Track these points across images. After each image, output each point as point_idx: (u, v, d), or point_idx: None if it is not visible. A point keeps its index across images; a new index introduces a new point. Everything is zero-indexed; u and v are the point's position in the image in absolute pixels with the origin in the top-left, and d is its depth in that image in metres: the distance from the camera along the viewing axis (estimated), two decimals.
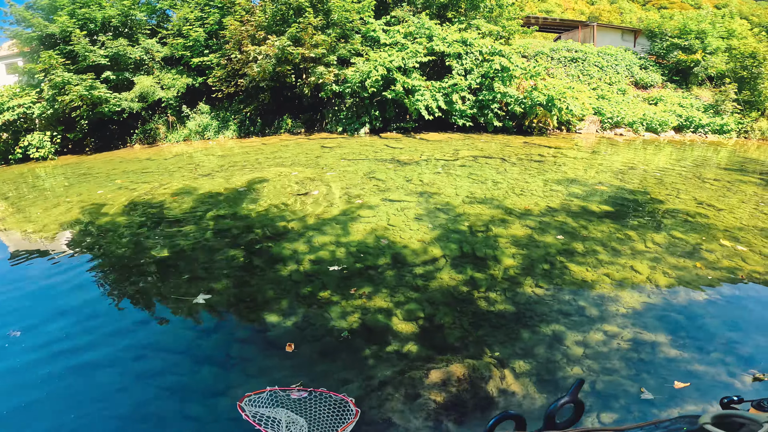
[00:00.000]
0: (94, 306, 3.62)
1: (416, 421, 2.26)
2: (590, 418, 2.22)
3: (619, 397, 2.45)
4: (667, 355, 2.82)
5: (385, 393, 2.46)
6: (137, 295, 3.79)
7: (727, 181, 8.13)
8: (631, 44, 20.75)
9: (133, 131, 14.12)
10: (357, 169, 8.28)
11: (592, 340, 2.96)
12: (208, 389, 2.58)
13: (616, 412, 2.31)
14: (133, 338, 3.12)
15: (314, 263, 4.20)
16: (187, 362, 2.84)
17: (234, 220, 5.56)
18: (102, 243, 5.11)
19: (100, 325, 3.30)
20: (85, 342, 3.07)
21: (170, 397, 2.53)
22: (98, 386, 2.63)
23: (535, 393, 2.47)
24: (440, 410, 2.33)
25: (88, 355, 2.91)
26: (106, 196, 7.17)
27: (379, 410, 2.33)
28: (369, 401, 2.39)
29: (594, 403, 2.38)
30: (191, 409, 2.43)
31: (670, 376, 2.61)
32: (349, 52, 13.95)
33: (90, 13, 13.28)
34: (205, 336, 3.13)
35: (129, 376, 2.70)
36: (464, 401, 2.41)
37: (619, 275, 3.96)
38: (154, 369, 2.78)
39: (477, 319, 3.23)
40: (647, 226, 5.29)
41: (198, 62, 14.00)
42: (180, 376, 2.71)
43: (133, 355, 2.91)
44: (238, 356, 2.88)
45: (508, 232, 4.97)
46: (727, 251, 4.54)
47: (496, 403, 2.40)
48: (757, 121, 16.09)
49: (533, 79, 13.60)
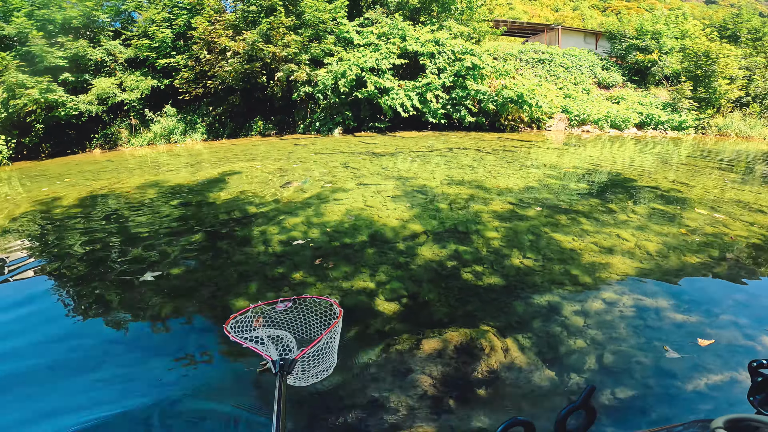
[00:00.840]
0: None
1: (409, 400, 1.94)
2: (604, 395, 1.95)
3: (634, 371, 2.14)
4: (674, 321, 2.63)
5: (370, 373, 2.14)
6: (74, 282, 3.38)
7: (693, 165, 8.39)
8: (593, 46, 21.65)
9: (93, 135, 13.40)
10: (331, 160, 8.05)
11: (592, 309, 2.74)
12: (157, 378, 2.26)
13: (633, 388, 2.00)
14: (62, 328, 2.70)
15: (285, 244, 3.91)
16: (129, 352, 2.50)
17: (199, 206, 5.20)
18: (46, 232, 4.64)
19: (30, 314, 2.90)
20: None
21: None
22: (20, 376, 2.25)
23: (541, 366, 2.17)
24: (437, 386, 2.03)
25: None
26: (59, 192, 6.63)
27: (364, 392, 2.00)
28: (353, 384, 2.06)
29: (605, 381, 2.06)
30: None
31: (684, 340, 2.42)
32: (322, 52, 13.83)
33: (49, 15, 12.67)
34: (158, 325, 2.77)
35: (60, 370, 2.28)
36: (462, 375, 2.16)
37: (606, 243, 3.87)
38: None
39: (464, 294, 2.96)
40: (626, 200, 5.30)
41: (164, 63, 13.51)
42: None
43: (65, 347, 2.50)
44: (196, 347, 2.48)
45: (488, 208, 4.85)
46: (707, 219, 4.56)
47: (501, 379, 2.19)
48: (714, 117, 16.97)
49: (503, 78, 13.86)
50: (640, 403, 1.92)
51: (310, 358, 1.69)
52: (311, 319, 2.05)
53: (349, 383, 2.05)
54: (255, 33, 12.19)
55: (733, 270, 3.38)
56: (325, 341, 1.72)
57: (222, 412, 1.92)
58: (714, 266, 3.43)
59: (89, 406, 1.94)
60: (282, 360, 1.57)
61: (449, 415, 1.83)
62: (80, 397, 2.02)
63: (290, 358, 1.60)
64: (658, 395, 1.98)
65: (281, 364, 1.54)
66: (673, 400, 1.95)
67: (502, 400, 1.91)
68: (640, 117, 16.35)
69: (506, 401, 1.90)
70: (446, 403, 1.91)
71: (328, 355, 1.79)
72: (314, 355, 1.70)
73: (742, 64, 17.78)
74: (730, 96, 17.05)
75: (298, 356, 1.62)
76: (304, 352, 1.64)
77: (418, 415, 1.84)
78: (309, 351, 1.65)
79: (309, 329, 2.01)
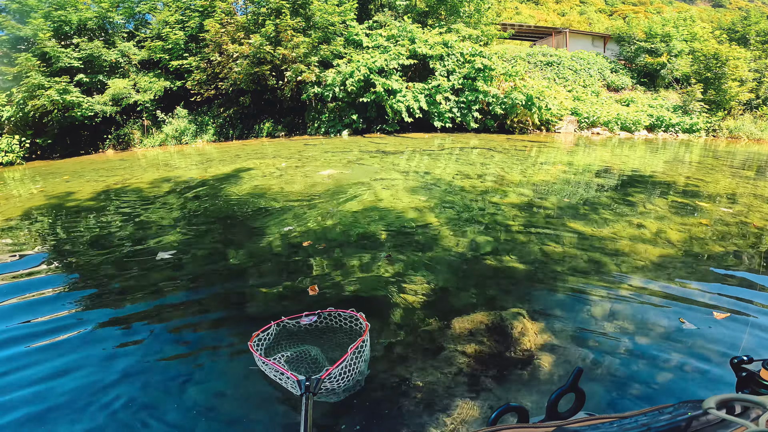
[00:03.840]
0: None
1: (444, 378, 1.85)
2: (637, 381, 1.92)
3: (666, 351, 2.05)
4: (700, 303, 2.55)
5: (396, 353, 2.06)
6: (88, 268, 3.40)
7: (707, 164, 8.31)
8: (601, 49, 21.62)
9: (106, 136, 13.56)
10: (343, 158, 8.07)
11: (618, 295, 2.67)
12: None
13: (669, 371, 1.92)
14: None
15: (302, 236, 3.90)
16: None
17: (213, 199, 5.23)
18: (63, 224, 4.69)
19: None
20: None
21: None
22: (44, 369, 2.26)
23: (575, 348, 2.10)
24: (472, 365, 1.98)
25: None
26: (74, 187, 6.70)
27: (392, 372, 1.91)
28: (379, 365, 1.96)
29: (637, 363, 1.98)
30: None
31: (706, 321, 2.35)
32: (332, 53, 13.93)
33: (65, 16, 12.88)
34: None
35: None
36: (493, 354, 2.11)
37: (627, 232, 3.81)
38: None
39: (485, 281, 2.88)
40: (644, 193, 5.25)
41: (177, 65, 13.68)
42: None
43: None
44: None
45: (505, 200, 4.82)
46: (727, 211, 4.50)
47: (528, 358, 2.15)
48: (725, 120, 16.82)
49: (512, 79, 13.86)
50: (677, 384, 1.85)
51: (337, 375, 1.63)
52: (338, 335, 2.01)
53: (372, 365, 1.95)
54: (258, 36, 12.32)
55: (758, 257, 3.32)
56: (351, 358, 1.67)
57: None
58: (738, 254, 3.37)
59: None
60: (308, 381, 1.52)
61: (488, 393, 1.76)
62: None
63: (316, 378, 1.55)
64: (692, 375, 1.93)
65: (306, 384, 1.50)
66: (705, 377, 1.89)
67: (539, 380, 1.85)
68: (651, 119, 16.24)
69: (543, 381, 1.85)
70: (483, 381, 1.84)
71: (357, 370, 1.72)
72: (342, 371, 1.64)
73: (752, 66, 17.64)
74: (740, 98, 16.90)
75: (324, 375, 1.58)
76: (330, 371, 1.60)
77: (455, 393, 1.76)
78: (334, 370, 1.60)
79: (336, 344, 1.96)
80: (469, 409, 1.68)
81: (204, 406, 1.75)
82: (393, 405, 1.70)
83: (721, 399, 0.49)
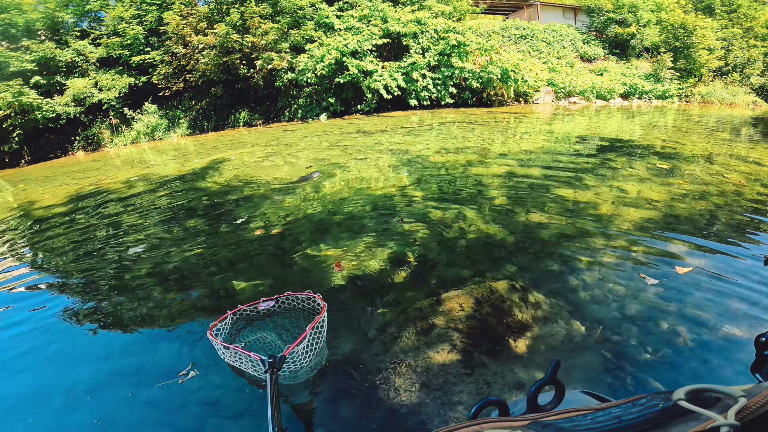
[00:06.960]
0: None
1: (438, 356, 1.81)
2: (633, 349, 1.89)
3: (658, 318, 2.02)
4: (687, 263, 2.51)
5: (389, 333, 2.01)
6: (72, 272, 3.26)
7: (681, 127, 8.47)
8: (572, 21, 21.66)
9: (74, 138, 12.98)
10: (323, 140, 7.92)
11: (605, 260, 2.63)
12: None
13: (662, 338, 1.89)
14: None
15: (285, 221, 3.79)
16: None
17: (194, 191, 5.06)
18: (36, 228, 4.47)
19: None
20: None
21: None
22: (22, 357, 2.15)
23: (568, 318, 2.06)
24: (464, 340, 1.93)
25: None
26: (46, 192, 6.39)
27: (387, 353, 1.86)
28: (373, 348, 1.92)
29: (630, 330, 1.94)
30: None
31: (696, 283, 2.31)
32: (303, 38, 13.54)
33: (10, 18, 12.17)
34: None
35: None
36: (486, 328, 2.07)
37: (611, 195, 3.84)
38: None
39: (473, 254, 2.82)
40: (623, 156, 5.31)
41: (139, 60, 13.09)
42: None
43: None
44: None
45: (488, 171, 4.80)
46: (706, 170, 4.59)
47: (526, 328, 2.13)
48: (696, 86, 17.16)
49: (488, 53, 13.78)
50: (673, 353, 1.81)
51: (299, 353, 1.67)
52: (297, 316, 2.04)
53: (368, 347, 1.91)
54: (223, 25, 11.89)
55: (746, 213, 3.39)
56: (310, 336, 1.70)
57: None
58: (724, 208, 3.44)
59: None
60: (271, 357, 1.56)
61: (483, 369, 1.72)
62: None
63: (279, 356, 1.59)
64: (684, 339, 1.93)
65: (270, 361, 1.54)
66: (706, 348, 1.84)
67: (535, 353, 1.81)
68: (625, 87, 16.45)
69: (539, 354, 1.81)
70: (477, 358, 1.80)
71: (318, 349, 1.75)
72: (304, 350, 1.68)
73: (719, 35, 17.97)
74: (710, 65, 17.24)
75: (287, 352, 1.61)
76: (291, 348, 1.63)
77: (450, 371, 1.72)
78: (296, 347, 1.64)
79: (296, 326, 1.99)
80: (465, 386, 1.65)
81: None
82: (389, 386, 1.66)
83: (692, 389, 0.49)
